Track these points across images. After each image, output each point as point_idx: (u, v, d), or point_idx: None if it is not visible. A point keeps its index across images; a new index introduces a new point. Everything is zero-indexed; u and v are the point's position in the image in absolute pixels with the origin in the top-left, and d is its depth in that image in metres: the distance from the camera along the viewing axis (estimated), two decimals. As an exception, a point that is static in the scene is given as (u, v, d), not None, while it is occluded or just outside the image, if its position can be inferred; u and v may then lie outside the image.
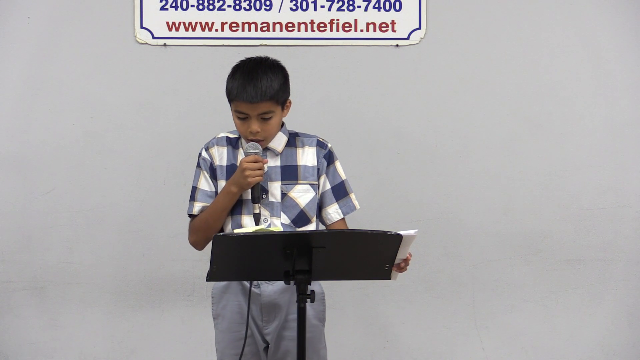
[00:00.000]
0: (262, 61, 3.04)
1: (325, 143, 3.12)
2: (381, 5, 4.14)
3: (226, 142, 3.10)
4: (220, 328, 3.10)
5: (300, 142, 3.10)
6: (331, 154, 3.12)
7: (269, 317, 3.04)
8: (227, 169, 3.06)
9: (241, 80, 2.97)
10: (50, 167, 4.16)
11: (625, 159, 4.18)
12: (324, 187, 3.10)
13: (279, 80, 3.00)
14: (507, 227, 4.19)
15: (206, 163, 3.09)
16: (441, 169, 4.18)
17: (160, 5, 4.14)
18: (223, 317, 3.08)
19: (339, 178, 3.12)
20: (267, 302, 3.02)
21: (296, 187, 3.05)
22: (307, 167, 3.07)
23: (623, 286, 4.19)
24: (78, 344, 4.19)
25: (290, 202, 3.04)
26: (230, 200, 3.00)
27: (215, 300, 3.10)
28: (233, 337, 3.06)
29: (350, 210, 3.13)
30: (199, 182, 3.10)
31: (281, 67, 3.06)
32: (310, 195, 3.06)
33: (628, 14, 4.16)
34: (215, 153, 3.09)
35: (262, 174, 2.97)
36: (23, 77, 4.15)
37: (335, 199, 3.11)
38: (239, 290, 3.05)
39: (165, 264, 4.17)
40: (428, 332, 4.21)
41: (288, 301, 3.04)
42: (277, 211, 3.02)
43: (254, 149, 2.98)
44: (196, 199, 3.08)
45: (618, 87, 4.17)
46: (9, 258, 4.17)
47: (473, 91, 4.18)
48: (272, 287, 3.02)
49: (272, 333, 3.05)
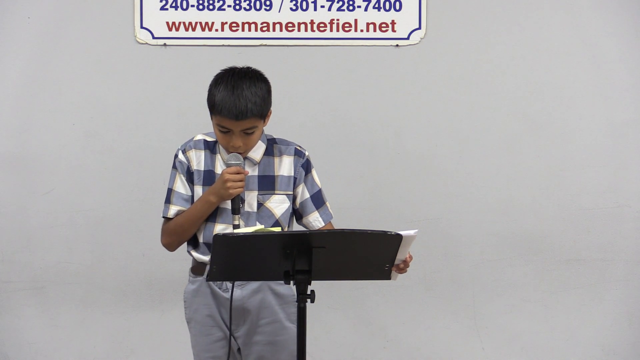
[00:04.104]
0: (246, 74, 2.96)
1: (303, 152, 3.08)
2: (381, 5, 4.14)
3: (204, 145, 3.05)
4: (193, 332, 3.10)
5: (277, 150, 3.06)
6: (309, 162, 3.08)
7: (238, 321, 3.03)
8: (205, 174, 3.02)
9: (225, 94, 2.90)
10: (50, 167, 4.16)
11: (625, 159, 4.18)
12: (303, 197, 3.07)
13: (263, 95, 2.93)
14: (507, 227, 4.19)
15: (183, 166, 3.04)
16: (441, 169, 4.18)
17: (160, 5, 4.14)
18: (195, 320, 3.08)
19: (316, 187, 3.10)
20: (236, 306, 3.01)
21: (273, 197, 3.03)
22: (284, 177, 3.04)
23: (623, 286, 4.19)
24: (78, 344, 4.19)
25: (266, 212, 3.02)
26: (208, 209, 2.98)
27: (187, 304, 3.10)
28: (207, 340, 3.06)
29: (329, 219, 3.12)
30: (175, 185, 3.06)
31: (264, 79, 2.99)
32: (285, 205, 3.04)
33: (628, 14, 4.16)
34: (193, 156, 3.04)
35: (243, 185, 2.93)
36: (23, 77, 4.15)
37: (315, 207, 3.09)
38: (208, 293, 3.04)
39: (165, 264, 4.17)
40: (428, 332, 4.21)
41: (258, 306, 3.02)
42: (253, 221, 3.00)
43: (235, 160, 2.94)
44: (172, 202, 3.04)
45: (618, 87, 4.17)
46: (9, 258, 4.17)
47: (473, 91, 4.18)
48: (240, 292, 3.01)
49: (242, 337, 3.05)
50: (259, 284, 3.01)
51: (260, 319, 3.04)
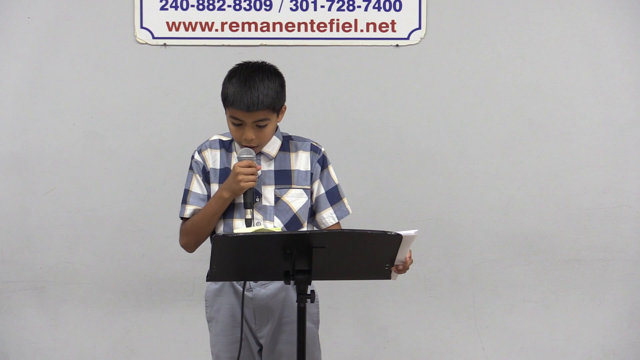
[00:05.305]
0: (260, 67, 2.99)
1: (319, 147, 3.10)
2: (381, 5, 4.14)
3: (219, 145, 3.07)
4: (214, 331, 3.09)
5: (293, 146, 3.08)
6: (325, 158, 3.09)
7: (262, 321, 3.03)
8: (221, 172, 3.04)
9: (238, 87, 2.93)
10: (50, 167, 4.16)
11: (625, 159, 4.18)
12: (319, 192, 3.08)
13: (275, 88, 2.96)
14: (507, 227, 4.19)
15: (199, 166, 3.07)
16: (441, 169, 4.18)
17: (160, 5, 4.14)
18: (217, 320, 3.07)
19: (332, 183, 3.10)
20: (260, 305, 3.01)
21: (290, 192, 3.04)
22: (301, 172, 3.06)
23: (623, 286, 4.19)
24: (78, 344, 4.19)
25: (284, 206, 3.03)
26: (222, 205, 2.98)
27: (209, 304, 3.09)
28: (227, 340, 3.06)
29: (344, 215, 3.11)
30: (191, 185, 3.08)
31: (278, 73, 3.02)
32: (303, 200, 3.04)
33: (628, 14, 4.16)
34: (208, 156, 3.06)
35: (255, 179, 2.94)
36: (23, 77, 4.15)
37: (329, 204, 3.09)
38: (231, 293, 3.04)
39: (165, 264, 4.17)
40: (428, 332, 4.21)
41: (281, 305, 3.03)
42: (271, 215, 3.01)
43: (247, 154, 2.96)
44: (188, 202, 3.06)
45: (618, 87, 4.17)
46: (9, 258, 4.17)
47: (473, 91, 4.18)
48: (264, 291, 3.01)
49: (265, 336, 3.04)
50: (282, 283, 2.98)
51: (283, 318, 3.03)
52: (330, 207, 3.09)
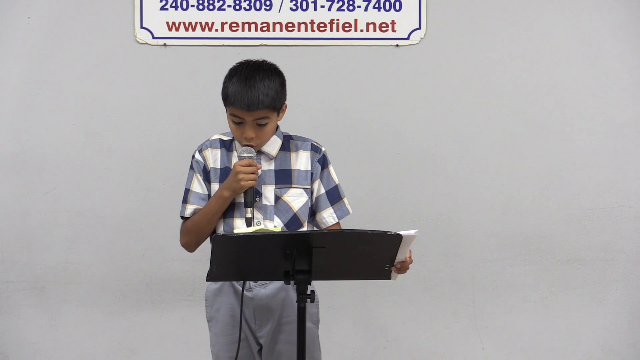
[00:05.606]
0: (260, 66, 3.00)
1: (320, 147, 3.10)
2: (381, 5, 4.14)
3: (220, 144, 3.08)
4: (214, 331, 3.09)
5: (294, 145, 3.08)
6: (325, 158, 3.10)
7: (261, 321, 3.03)
8: (221, 171, 3.04)
9: (238, 85, 2.94)
10: (50, 167, 4.16)
11: (625, 159, 4.18)
12: (319, 192, 3.08)
13: (276, 86, 2.97)
14: (507, 227, 4.19)
15: (199, 165, 3.07)
16: (441, 169, 4.18)
17: (160, 5, 4.14)
18: (216, 320, 3.07)
19: (332, 182, 3.10)
20: (260, 305, 3.01)
21: (290, 191, 3.04)
22: (301, 172, 3.06)
23: (623, 286, 4.19)
24: (78, 344, 4.19)
25: (284, 205, 3.03)
26: (223, 204, 2.99)
27: (209, 303, 3.09)
28: (227, 340, 3.06)
29: (344, 215, 3.11)
30: (192, 185, 3.08)
31: (279, 72, 3.03)
32: (303, 199, 3.04)
33: (628, 14, 4.16)
34: (209, 155, 3.07)
35: (255, 178, 2.95)
36: (23, 77, 4.15)
37: (330, 203, 3.09)
38: (231, 292, 3.04)
39: (165, 264, 4.17)
40: (428, 332, 4.21)
41: (281, 305, 3.03)
42: (271, 214, 3.01)
43: (247, 153, 2.96)
44: (188, 202, 3.06)
45: (618, 87, 4.17)
46: (9, 258, 4.17)
47: (473, 91, 4.18)
48: (264, 291, 3.01)
49: (265, 336, 3.04)
50: (282, 283, 2.98)
51: (283, 318, 3.04)
52: (330, 207, 3.09)
